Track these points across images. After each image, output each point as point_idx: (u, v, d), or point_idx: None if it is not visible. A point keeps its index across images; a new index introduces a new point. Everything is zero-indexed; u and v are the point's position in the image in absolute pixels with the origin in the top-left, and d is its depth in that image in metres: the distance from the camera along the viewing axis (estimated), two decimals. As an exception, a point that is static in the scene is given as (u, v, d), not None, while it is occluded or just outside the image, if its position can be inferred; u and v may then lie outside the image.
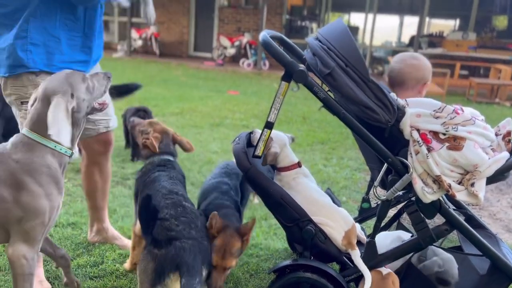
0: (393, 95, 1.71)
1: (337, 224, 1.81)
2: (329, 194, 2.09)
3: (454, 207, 2.09)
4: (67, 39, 1.88)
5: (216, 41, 12.86)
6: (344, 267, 1.84)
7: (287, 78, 1.64)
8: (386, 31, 13.46)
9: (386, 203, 1.74)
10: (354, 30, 13.11)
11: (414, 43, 10.49)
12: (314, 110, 6.55)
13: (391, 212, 2.15)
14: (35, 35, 1.79)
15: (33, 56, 1.80)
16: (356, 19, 13.71)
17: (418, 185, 1.62)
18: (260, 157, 1.74)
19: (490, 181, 1.64)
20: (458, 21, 12.77)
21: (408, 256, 1.84)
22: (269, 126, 1.70)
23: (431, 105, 1.62)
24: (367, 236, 1.92)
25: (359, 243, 1.89)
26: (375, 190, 1.73)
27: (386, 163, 1.67)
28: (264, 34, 1.67)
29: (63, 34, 1.86)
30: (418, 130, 1.61)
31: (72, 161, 2.22)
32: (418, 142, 1.60)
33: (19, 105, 1.88)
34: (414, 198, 1.73)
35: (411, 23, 12.71)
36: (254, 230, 2.67)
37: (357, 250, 1.76)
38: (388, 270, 1.75)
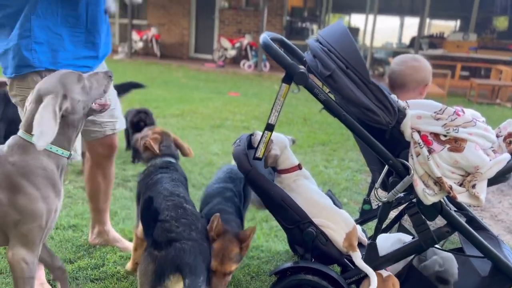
0: (393, 97, 1.71)
1: (338, 226, 1.80)
2: (330, 196, 2.08)
3: (455, 209, 2.08)
4: (70, 36, 1.87)
5: (216, 42, 12.87)
6: (345, 269, 1.84)
7: (288, 80, 1.64)
8: (387, 32, 13.45)
9: (387, 205, 1.73)
10: (354, 31, 13.11)
11: (415, 44, 10.49)
12: (315, 111, 6.55)
13: (393, 213, 2.14)
14: (39, 34, 1.79)
15: (38, 55, 1.80)
16: (356, 20, 13.71)
17: (419, 187, 1.62)
18: (260, 159, 1.74)
19: (491, 182, 1.64)
20: (458, 22, 12.77)
21: (409, 258, 1.84)
22: (269, 128, 1.69)
23: (432, 106, 1.62)
24: (368, 238, 1.92)
25: (360, 245, 1.88)
26: (376, 192, 1.73)
27: (387, 165, 1.67)
28: (264, 36, 1.67)
29: (65, 31, 1.85)
30: (419, 132, 1.61)
31: (70, 162, 2.23)
32: (419, 144, 1.60)
33: (24, 106, 1.88)
34: (415, 200, 1.73)
35: (412, 24, 12.70)
36: (255, 232, 2.67)
37: (358, 252, 1.76)
38: (388, 273, 1.75)
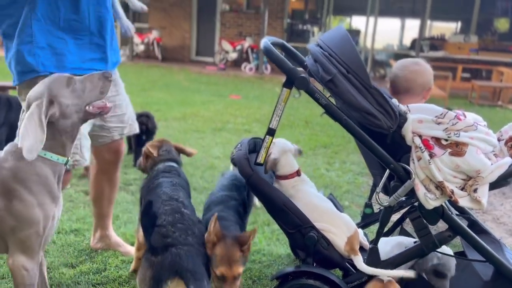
0: (394, 101, 1.71)
1: (339, 230, 1.80)
2: (331, 199, 2.08)
3: (457, 212, 2.08)
4: (74, 39, 1.87)
5: (218, 45, 12.89)
6: (347, 273, 1.83)
7: (289, 84, 1.64)
8: (388, 34, 13.46)
9: (389, 209, 1.73)
10: (355, 33, 13.12)
11: (416, 46, 10.50)
12: (316, 114, 6.54)
13: (394, 217, 2.14)
14: (40, 38, 1.78)
15: (41, 59, 1.79)
16: (357, 22, 13.73)
17: (421, 191, 1.61)
18: (262, 164, 1.74)
19: (493, 186, 1.64)
20: (459, 23, 12.77)
21: (411, 262, 1.83)
22: (271, 132, 1.70)
23: (433, 111, 1.62)
24: (370, 242, 1.92)
25: (362, 249, 1.88)
26: (378, 196, 1.73)
27: (388, 169, 1.67)
28: (265, 41, 1.68)
29: (69, 35, 1.85)
30: (420, 136, 1.61)
31: (76, 168, 2.22)
32: (420, 148, 1.60)
33: None
34: (416, 204, 1.73)
35: (413, 26, 12.72)
36: (257, 236, 2.67)
37: (359, 256, 1.76)
38: (389, 278, 1.74)
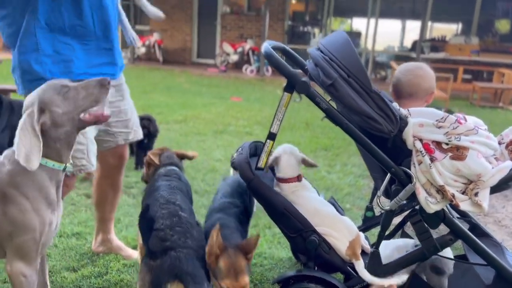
0: (395, 105, 1.71)
1: (340, 234, 1.80)
2: (332, 203, 2.09)
3: (458, 215, 2.08)
4: (80, 44, 1.86)
5: (219, 47, 12.91)
6: (348, 277, 1.83)
7: (290, 89, 1.65)
8: (389, 36, 13.46)
9: (390, 213, 1.73)
10: (356, 35, 13.13)
11: (417, 48, 10.50)
12: (317, 116, 6.52)
13: (396, 220, 2.14)
14: (46, 45, 1.79)
15: (48, 67, 1.79)
16: (358, 24, 13.75)
17: (422, 195, 1.62)
18: (262, 169, 1.74)
19: (494, 190, 1.64)
20: (460, 25, 12.77)
21: (413, 266, 1.83)
22: (272, 137, 1.70)
23: (434, 115, 1.62)
24: (371, 245, 1.92)
25: (363, 253, 1.89)
26: (379, 200, 1.73)
27: (389, 173, 1.67)
28: (266, 46, 1.68)
29: (75, 40, 1.85)
30: (421, 140, 1.61)
31: (82, 174, 2.22)
32: (421, 152, 1.60)
33: None
34: (418, 207, 1.73)
35: (414, 28, 12.73)
36: (259, 240, 2.67)
37: (361, 260, 1.76)
38: (390, 283, 1.74)
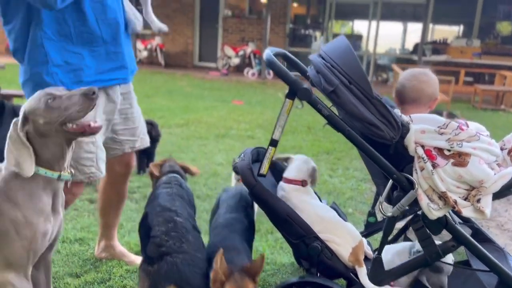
0: (397, 111, 1.72)
1: (343, 240, 1.80)
2: (334, 208, 2.08)
3: (460, 220, 2.08)
4: (89, 51, 1.86)
5: (220, 51, 12.94)
6: (351, 284, 1.83)
7: (292, 95, 1.65)
8: (390, 38, 13.50)
9: (392, 219, 1.73)
10: (357, 37, 13.16)
11: (418, 50, 10.51)
12: (319, 120, 6.53)
13: (398, 224, 2.14)
14: (56, 56, 1.79)
15: (59, 77, 1.79)
16: (359, 27, 13.79)
17: (424, 201, 1.62)
18: (264, 175, 1.75)
19: (496, 196, 1.64)
20: (462, 27, 12.78)
21: (415, 272, 1.83)
22: (273, 143, 1.70)
23: (435, 121, 1.62)
24: (373, 251, 1.92)
25: (366, 259, 1.88)
26: (381, 206, 1.73)
27: (391, 179, 1.67)
28: (268, 53, 1.69)
29: (84, 48, 1.84)
30: (422, 147, 1.61)
31: (93, 182, 2.23)
32: (423, 158, 1.60)
33: None
34: (420, 212, 1.73)
35: (415, 30, 12.75)
36: (260, 244, 2.67)
37: (364, 267, 1.75)
38: None
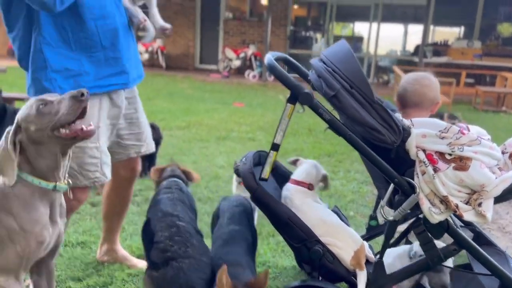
0: (398, 116, 1.72)
1: (345, 243, 1.80)
2: (336, 212, 2.09)
3: (462, 224, 2.08)
4: (88, 57, 1.85)
5: (221, 53, 12.96)
6: (352, 287, 1.84)
7: (293, 100, 1.66)
8: (391, 40, 13.50)
9: (394, 223, 1.74)
10: (358, 39, 13.17)
11: (419, 52, 10.53)
12: (320, 122, 6.52)
13: (400, 227, 2.14)
14: (54, 62, 1.78)
15: (58, 83, 1.78)
16: (360, 29, 13.78)
17: (425, 205, 1.62)
18: (266, 179, 1.75)
19: (497, 200, 1.64)
20: (462, 29, 12.78)
21: (416, 276, 1.84)
22: (275, 147, 1.71)
23: (436, 125, 1.62)
24: (375, 254, 1.92)
25: (367, 262, 1.89)
26: (382, 210, 1.73)
27: (392, 183, 1.68)
28: (269, 57, 1.69)
29: (83, 54, 1.84)
30: (424, 151, 1.61)
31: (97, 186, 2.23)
32: (424, 162, 1.60)
33: None
34: (421, 216, 1.73)
35: (416, 32, 12.74)
36: (262, 247, 2.67)
37: (364, 272, 1.76)
38: None
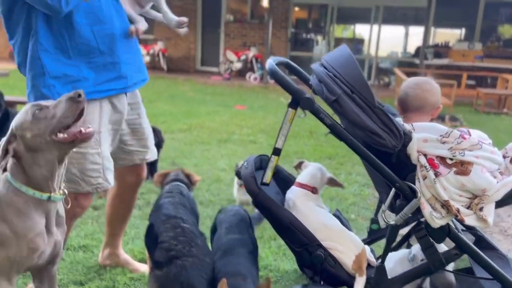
0: (399, 120, 1.73)
1: (346, 248, 1.81)
2: (337, 216, 2.09)
3: (463, 228, 2.08)
4: (86, 63, 1.84)
5: (222, 55, 12.98)
6: (354, 291, 1.84)
7: (294, 105, 1.67)
8: (392, 42, 13.49)
9: (395, 227, 1.74)
10: (359, 41, 13.18)
11: (420, 54, 10.53)
12: (321, 124, 6.52)
13: (402, 231, 2.14)
14: (52, 68, 1.78)
15: (57, 89, 1.78)
16: (361, 31, 13.78)
17: (427, 210, 1.62)
18: (268, 184, 1.75)
19: (499, 204, 1.65)
20: (463, 30, 12.77)
21: (418, 280, 1.84)
22: (276, 152, 1.71)
23: (438, 130, 1.63)
24: (376, 258, 1.92)
25: (369, 266, 1.89)
26: (384, 214, 1.74)
27: (394, 188, 1.68)
28: (270, 63, 1.70)
29: (81, 60, 1.83)
30: (425, 155, 1.62)
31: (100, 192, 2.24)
32: (425, 167, 1.61)
33: None
34: (423, 220, 1.73)
35: (417, 33, 12.74)
36: (263, 251, 2.68)
37: (364, 277, 1.76)
38: None
